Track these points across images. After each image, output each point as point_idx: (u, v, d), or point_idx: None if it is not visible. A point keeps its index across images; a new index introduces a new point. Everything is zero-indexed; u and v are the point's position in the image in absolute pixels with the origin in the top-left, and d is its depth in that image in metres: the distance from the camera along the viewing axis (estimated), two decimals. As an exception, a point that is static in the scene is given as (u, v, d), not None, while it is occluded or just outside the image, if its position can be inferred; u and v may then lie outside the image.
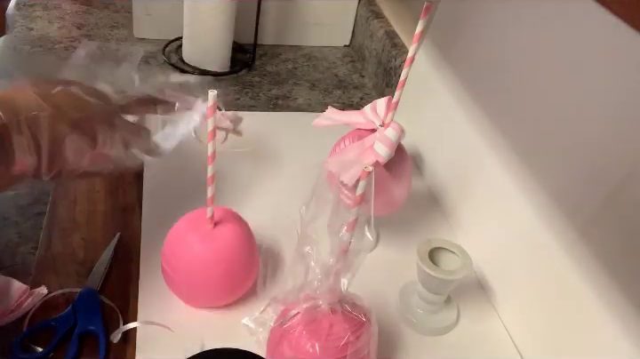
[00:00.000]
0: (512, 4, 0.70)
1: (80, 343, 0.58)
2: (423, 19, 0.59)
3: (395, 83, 0.74)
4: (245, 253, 0.62)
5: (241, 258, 0.62)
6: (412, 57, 0.62)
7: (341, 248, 0.50)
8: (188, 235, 0.60)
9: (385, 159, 0.64)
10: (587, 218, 0.57)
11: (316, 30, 1.22)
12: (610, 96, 0.55)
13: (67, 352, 0.57)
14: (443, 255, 0.64)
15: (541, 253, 0.62)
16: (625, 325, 0.51)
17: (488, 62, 0.75)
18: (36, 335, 0.59)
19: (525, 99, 0.67)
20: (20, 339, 0.57)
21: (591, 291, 0.55)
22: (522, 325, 0.65)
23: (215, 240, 0.60)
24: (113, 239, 0.70)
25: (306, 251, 0.50)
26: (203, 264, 0.60)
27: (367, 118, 0.67)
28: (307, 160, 0.64)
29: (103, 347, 0.58)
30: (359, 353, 0.52)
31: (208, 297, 0.63)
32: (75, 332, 0.59)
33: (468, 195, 0.78)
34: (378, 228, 0.77)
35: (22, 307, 0.60)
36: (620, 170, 0.53)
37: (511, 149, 0.68)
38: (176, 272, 0.60)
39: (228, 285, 0.62)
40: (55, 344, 0.58)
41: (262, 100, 1.04)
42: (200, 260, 0.60)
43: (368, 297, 0.55)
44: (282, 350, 0.53)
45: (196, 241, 0.60)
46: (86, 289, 0.63)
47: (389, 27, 1.10)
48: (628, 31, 0.27)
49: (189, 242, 0.60)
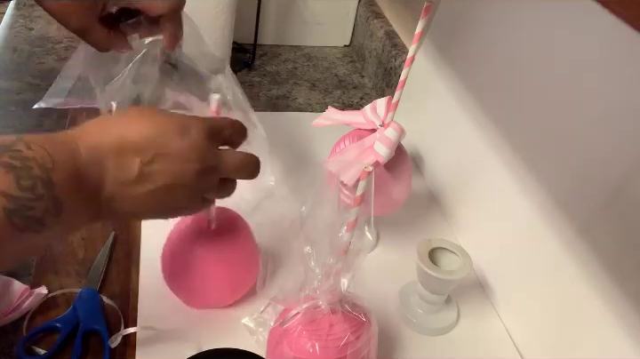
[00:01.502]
0: (512, 4, 0.70)
1: (84, 342, 0.58)
2: (423, 19, 0.59)
3: (395, 83, 0.74)
4: (245, 254, 0.62)
5: (241, 258, 0.62)
6: (412, 57, 0.62)
7: (341, 248, 0.50)
8: (187, 236, 0.60)
9: (385, 159, 0.64)
10: (587, 217, 0.57)
11: (316, 30, 1.22)
12: (610, 96, 0.55)
13: (72, 352, 0.57)
14: (443, 255, 0.64)
15: (541, 253, 0.62)
16: (625, 325, 0.51)
17: (488, 62, 0.75)
18: (38, 336, 0.59)
19: (525, 99, 0.67)
20: (23, 342, 0.57)
21: (591, 290, 0.55)
22: (522, 325, 0.65)
23: (215, 240, 0.60)
24: (108, 238, 0.70)
25: (306, 251, 0.50)
26: (203, 265, 0.60)
27: (367, 118, 0.67)
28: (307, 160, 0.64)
29: (107, 346, 0.58)
30: (359, 353, 0.52)
31: (208, 298, 0.62)
32: (78, 332, 0.59)
33: (468, 194, 0.78)
34: (378, 228, 0.77)
35: (22, 307, 0.60)
36: (619, 170, 0.53)
37: (511, 149, 0.68)
38: (176, 273, 0.60)
39: (229, 286, 0.62)
40: (58, 345, 0.58)
41: (262, 100, 1.04)
42: (200, 261, 0.59)
43: (368, 297, 0.55)
44: (282, 350, 0.53)
45: (196, 241, 0.60)
46: (86, 289, 0.63)
47: (389, 27, 1.10)
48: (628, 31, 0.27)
49: (189, 242, 0.60)
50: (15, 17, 1.16)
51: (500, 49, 0.73)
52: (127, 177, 0.44)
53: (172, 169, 0.45)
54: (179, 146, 0.45)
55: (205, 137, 0.47)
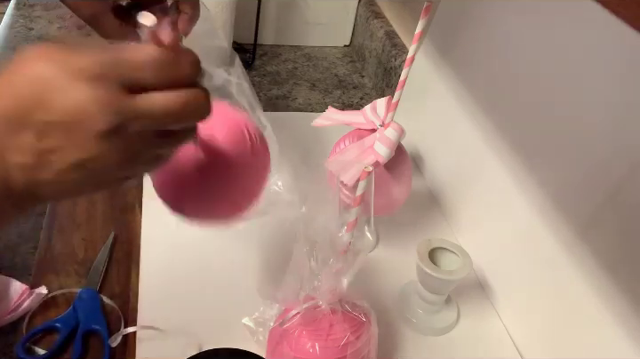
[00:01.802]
0: (512, 4, 0.70)
1: (84, 343, 0.58)
2: (423, 19, 0.59)
3: (395, 83, 0.74)
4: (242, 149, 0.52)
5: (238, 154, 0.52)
6: (412, 57, 0.62)
7: (341, 248, 0.50)
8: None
9: (385, 159, 0.64)
10: (586, 217, 0.57)
11: (316, 30, 1.22)
12: (610, 96, 0.55)
13: (72, 352, 0.57)
14: (443, 255, 0.64)
15: (541, 253, 0.62)
16: (624, 325, 0.51)
17: (488, 62, 0.75)
18: (38, 336, 0.59)
19: (525, 99, 0.67)
20: (23, 342, 0.57)
21: (591, 290, 0.55)
22: (522, 325, 0.65)
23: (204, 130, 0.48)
24: (108, 238, 0.70)
25: (306, 251, 0.50)
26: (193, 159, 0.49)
27: (367, 118, 0.67)
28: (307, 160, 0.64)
29: (107, 345, 0.58)
30: (359, 353, 0.52)
31: (201, 203, 0.52)
32: (78, 332, 0.59)
33: (468, 195, 0.78)
34: (378, 228, 0.77)
35: (22, 307, 0.60)
36: (619, 170, 0.53)
37: (511, 149, 0.68)
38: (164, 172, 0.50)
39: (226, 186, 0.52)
40: (58, 345, 0.58)
41: (262, 100, 1.04)
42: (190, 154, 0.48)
43: (368, 297, 0.55)
44: (282, 350, 0.53)
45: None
46: (86, 289, 0.63)
47: (389, 28, 1.10)
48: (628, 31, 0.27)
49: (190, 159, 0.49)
50: (15, 17, 1.16)
51: (499, 49, 0.73)
52: (25, 161, 0.35)
53: (71, 140, 0.34)
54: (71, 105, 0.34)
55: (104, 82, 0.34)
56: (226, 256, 0.69)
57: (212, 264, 0.69)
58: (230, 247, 0.70)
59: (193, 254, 0.69)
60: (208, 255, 0.69)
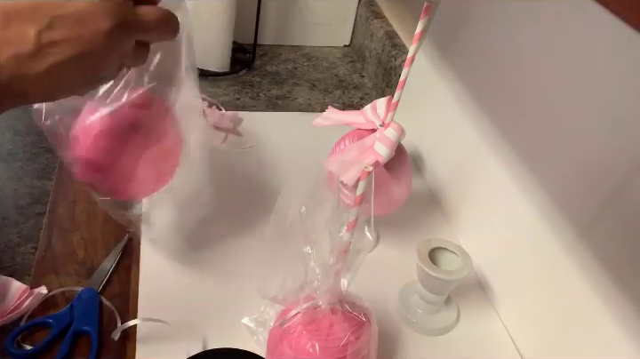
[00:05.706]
0: (512, 4, 0.70)
1: (73, 342, 0.58)
2: (423, 19, 0.59)
3: (395, 83, 0.74)
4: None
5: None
6: (412, 57, 0.62)
7: (341, 248, 0.50)
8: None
9: (385, 159, 0.64)
10: (587, 217, 0.57)
11: (316, 30, 1.22)
12: (610, 96, 0.55)
13: (58, 350, 0.57)
14: (443, 255, 0.64)
15: (542, 253, 0.62)
16: (625, 325, 0.51)
17: (488, 62, 0.75)
18: (31, 331, 0.59)
19: (525, 99, 0.67)
20: (15, 334, 0.57)
21: (591, 290, 0.55)
22: (522, 325, 0.65)
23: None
24: (121, 240, 0.70)
25: (306, 251, 0.50)
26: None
27: (367, 118, 0.67)
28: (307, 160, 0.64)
29: (95, 348, 0.58)
30: (359, 353, 0.52)
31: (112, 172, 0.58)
32: (68, 331, 0.59)
33: (468, 195, 0.78)
34: (378, 228, 0.77)
35: (22, 307, 0.60)
36: (620, 170, 0.53)
37: (511, 149, 0.68)
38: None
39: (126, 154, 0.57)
40: (48, 341, 0.58)
41: (262, 100, 1.04)
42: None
43: (368, 297, 0.55)
44: (282, 350, 0.53)
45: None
46: (86, 289, 0.63)
47: (389, 28, 1.10)
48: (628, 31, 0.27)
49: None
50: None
51: (499, 49, 0.73)
52: (22, 50, 0.37)
53: (79, 33, 0.38)
54: (84, 4, 0.38)
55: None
56: (226, 256, 0.69)
57: (212, 264, 0.69)
58: (230, 247, 0.70)
59: (193, 254, 0.69)
60: (208, 255, 0.69)
